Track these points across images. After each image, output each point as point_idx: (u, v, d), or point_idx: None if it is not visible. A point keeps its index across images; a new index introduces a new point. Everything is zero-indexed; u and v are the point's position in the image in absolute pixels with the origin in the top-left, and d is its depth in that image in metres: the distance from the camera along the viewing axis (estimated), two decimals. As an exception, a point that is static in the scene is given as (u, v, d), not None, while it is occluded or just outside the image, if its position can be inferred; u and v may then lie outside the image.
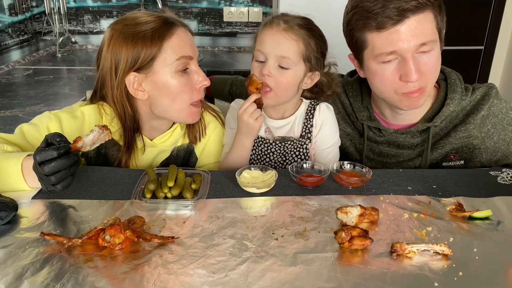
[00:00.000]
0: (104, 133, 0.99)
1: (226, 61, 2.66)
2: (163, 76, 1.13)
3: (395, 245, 0.82)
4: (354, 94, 1.37)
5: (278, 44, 1.17)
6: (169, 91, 1.14)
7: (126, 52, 1.10)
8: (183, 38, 1.15)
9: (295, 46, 1.17)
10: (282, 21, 1.19)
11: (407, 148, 1.32)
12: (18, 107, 1.76)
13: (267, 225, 0.91)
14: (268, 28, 1.20)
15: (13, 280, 0.73)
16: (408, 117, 1.30)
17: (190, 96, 1.17)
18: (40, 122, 1.18)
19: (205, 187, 1.05)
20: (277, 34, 1.17)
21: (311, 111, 1.29)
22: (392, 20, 1.08)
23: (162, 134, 1.26)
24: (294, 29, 1.17)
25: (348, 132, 1.39)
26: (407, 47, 1.09)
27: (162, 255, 0.81)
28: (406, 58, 1.10)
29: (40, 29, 2.98)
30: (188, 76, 1.16)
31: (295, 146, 1.28)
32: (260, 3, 3.10)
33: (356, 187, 1.08)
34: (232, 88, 1.62)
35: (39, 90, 2.01)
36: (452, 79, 1.29)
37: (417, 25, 1.08)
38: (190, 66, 1.17)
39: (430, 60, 1.13)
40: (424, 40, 1.09)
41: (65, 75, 2.33)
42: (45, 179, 0.93)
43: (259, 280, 0.75)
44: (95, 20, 3.13)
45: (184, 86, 1.15)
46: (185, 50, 1.14)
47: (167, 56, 1.12)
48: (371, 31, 1.12)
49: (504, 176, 1.14)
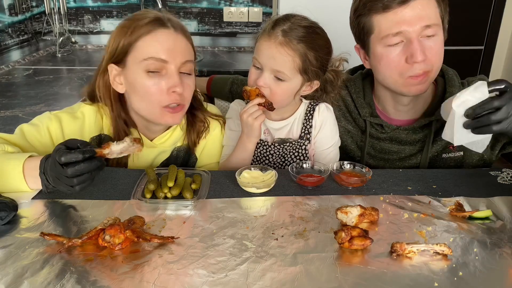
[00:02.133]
0: (135, 146, 0.99)
1: (226, 61, 2.65)
2: (133, 73, 1.12)
3: (395, 245, 0.82)
4: (356, 90, 1.37)
5: (273, 58, 1.15)
6: (137, 90, 1.13)
7: (113, 41, 1.14)
8: (161, 40, 1.11)
9: (290, 61, 1.15)
10: (281, 32, 1.14)
11: (409, 144, 1.33)
12: (18, 107, 1.75)
13: (267, 225, 0.91)
14: (266, 38, 1.17)
15: (13, 280, 0.73)
16: (411, 112, 1.31)
17: (159, 98, 1.12)
18: (40, 123, 1.18)
19: (205, 187, 1.05)
20: (272, 47, 1.15)
21: (310, 112, 1.29)
22: (398, 0, 1.11)
23: (161, 135, 1.26)
24: (291, 44, 1.13)
25: (349, 129, 1.39)
26: (412, 29, 1.12)
27: (162, 255, 0.81)
28: (412, 39, 1.13)
29: (40, 29, 2.98)
30: (160, 78, 1.12)
31: (294, 147, 1.28)
32: (260, 3, 3.10)
33: (356, 187, 1.08)
34: (233, 87, 1.61)
35: (39, 90, 2.01)
36: (449, 75, 1.32)
37: (421, 8, 1.12)
38: (166, 70, 1.12)
39: (435, 44, 1.16)
40: (428, 22, 1.13)
41: (65, 75, 2.33)
42: (65, 180, 0.93)
43: (259, 280, 0.75)
44: (95, 20, 3.13)
45: (151, 87, 1.11)
46: (158, 52, 1.10)
47: (137, 54, 1.11)
48: (378, 12, 1.15)
49: (504, 176, 1.14)
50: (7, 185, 1.01)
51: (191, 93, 1.20)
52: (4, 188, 1.01)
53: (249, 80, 1.23)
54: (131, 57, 1.12)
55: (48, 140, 1.17)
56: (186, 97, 1.18)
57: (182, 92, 1.14)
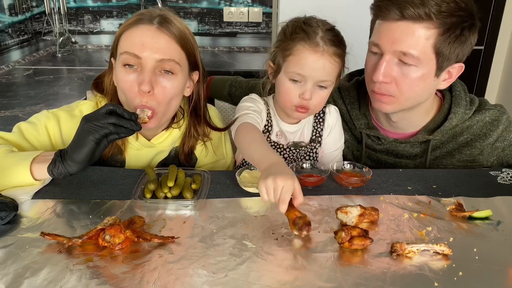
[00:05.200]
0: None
1: (226, 61, 2.66)
2: (116, 66, 1.13)
3: (395, 245, 0.82)
4: (351, 101, 1.34)
5: (323, 69, 1.11)
6: (117, 85, 1.14)
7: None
8: (139, 35, 1.08)
9: (337, 68, 1.14)
10: (322, 41, 1.09)
11: (406, 157, 1.30)
12: (18, 107, 1.75)
13: (267, 225, 0.91)
14: (308, 49, 1.10)
15: (13, 280, 0.73)
16: (403, 126, 1.28)
17: (132, 95, 1.09)
18: (38, 121, 1.18)
19: (205, 187, 1.05)
20: (322, 58, 1.10)
21: (320, 114, 1.28)
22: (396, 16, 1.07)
23: (159, 134, 1.25)
24: (337, 50, 1.11)
25: (346, 138, 1.36)
26: (384, 47, 1.10)
27: (162, 255, 0.81)
28: (384, 55, 1.11)
29: (40, 29, 2.98)
30: (134, 74, 1.08)
31: (306, 151, 1.27)
32: (260, 3, 3.10)
33: (356, 187, 1.08)
34: (231, 89, 1.60)
35: (39, 90, 2.01)
36: (457, 91, 1.25)
37: (405, 32, 1.06)
38: (141, 67, 1.08)
39: (409, 74, 1.09)
40: (406, 49, 1.07)
41: (65, 75, 2.33)
42: (101, 123, 0.99)
43: (259, 280, 0.75)
44: (95, 20, 3.13)
45: (124, 83, 1.09)
46: (133, 47, 1.07)
47: (119, 48, 1.11)
48: (377, 17, 1.13)
49: (504, 176, 1.14)
50: (11, 179, 1.01)
51: (168, 96, 1.11)
52: (6, 181, 1.01)
53: (289, 96, 1.15)
54: (118, 50, 1.12)
55: (46, 139, 1.17)
56: (159, 100, 1.10)
57: (150, 91, 1.07)
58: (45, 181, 1.06)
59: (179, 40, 1.12)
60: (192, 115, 1.26)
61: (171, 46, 1.10)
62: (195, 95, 1.24)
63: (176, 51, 1.11)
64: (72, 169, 1.01)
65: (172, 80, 1.11)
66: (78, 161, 1.00)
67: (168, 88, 1.11)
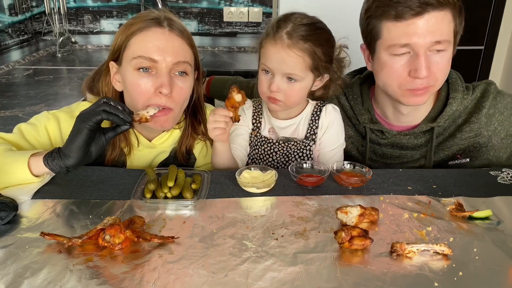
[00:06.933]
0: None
1: (226, 61, 2.65)
2: (126, 71, 1.13)
3: (395, 245, 0.82)
4: (354, 97, 1.36)
5: (283, 61, 1.14)
6: (128, 88, 1.14)
7: (115, 38, 1.15)
8: (152, 38, 1.10)
9: (301, 62, 1.14)
10: (286, 34, 1.13)
11: (411, 149, 1.32)
12: (18, 107, 1.75)
13: (267, 225, 0.91)
14: (272, 43, 1.15)
15: (13, 280, 0.73)
16: (411, 118, 1.30)
17: (146, 98, 1.11)
18: (38, 122, 1.18)
19: (205, 187, 1.05)
20: (281, 51, 1.13)
21: (317, 113, 1.28)
22: (412, 11, 1.07)
23: (160, 135, 1.25)
24: (299, 44, 1.13)
25: (350, 134, 1.37)
26: (422, 42, 1.09)
27: (162, 255, 0.81)
28: (419, 53, 1.10)
29: (40, 29, 2.98)
30: (149, 78, 1.10)
31: (299, 147, 1.28)
32: (260, 3, 3.10)
33: (356, 187, 1.08)
34: None
35: (39, 90, 2.01)
36: (453, 78, 1.29)
37: (435, 22, 1.08)
38: (156, 70, 1.10)
39: (441, 60, 1.13)
40: (439, 38, 1.09)
41: (65, 75, 2.33)
42: (93, 111, 1.00)
43: (259, 280, 0.75)
44: (95, 20, 3.13)
45: (138, 86, 1.10)
46: (148, 51, 1.09)
47: (129, 52, 1.11)
48: (389, 20, 1.11)
49: (504, 176, 1.14)
50: (9, 172, 1.01)
51: (183, 97, 1.16)
52: (4, 178, 1.01)
53: (262, 87, 1.21)
54: (125, 54, 1.12)
55: (46, 139, 1.17)
56: (177, 100, 1.14)
57: (169, 93, 1.10)
58: (44, 179, 1.05)
59: (189, 41, 1.16)
60: (191, 114, 1.27)
61: (184, 47, 1.14)
62: (195, 94, 1.25)
63: (188, 52, 1.16)
64: (68, 161, 1.00)
65: (186, 81, 1.15)
66: (73, 151, 1.00)
67: (184, 88, 1.15)
